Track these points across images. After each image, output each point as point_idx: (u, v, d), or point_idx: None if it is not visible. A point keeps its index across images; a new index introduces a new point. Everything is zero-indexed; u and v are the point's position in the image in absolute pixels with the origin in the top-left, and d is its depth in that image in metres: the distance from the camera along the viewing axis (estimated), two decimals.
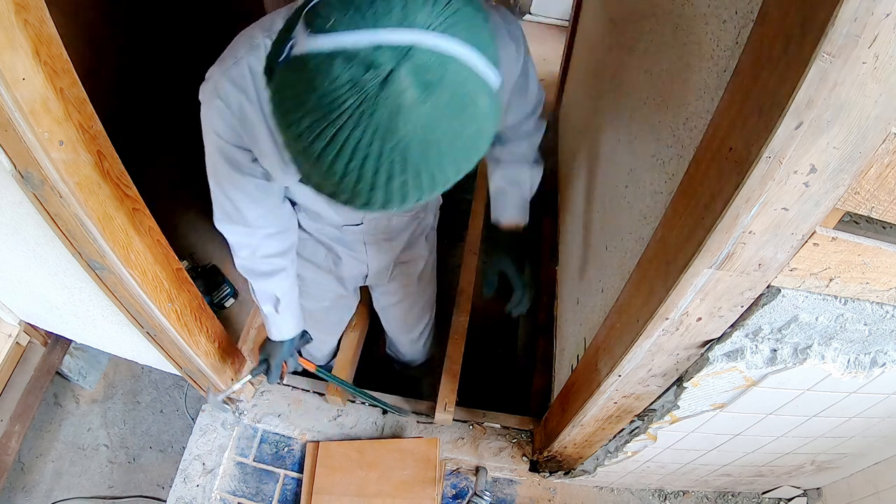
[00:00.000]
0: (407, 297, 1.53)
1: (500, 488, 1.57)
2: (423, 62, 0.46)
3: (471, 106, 0.49)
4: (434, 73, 0.46)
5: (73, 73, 0.76)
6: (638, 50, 1.19)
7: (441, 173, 0.51)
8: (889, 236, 0.63)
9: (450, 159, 0.51)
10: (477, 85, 0.49)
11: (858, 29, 0.41)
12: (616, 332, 0.94)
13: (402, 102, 0.45)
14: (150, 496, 1.81)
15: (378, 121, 0.46)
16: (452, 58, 0.47)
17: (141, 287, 1.02)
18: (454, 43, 0.47)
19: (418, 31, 0.46)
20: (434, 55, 0.46)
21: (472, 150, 0.53)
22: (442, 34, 0.47)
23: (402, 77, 0.45)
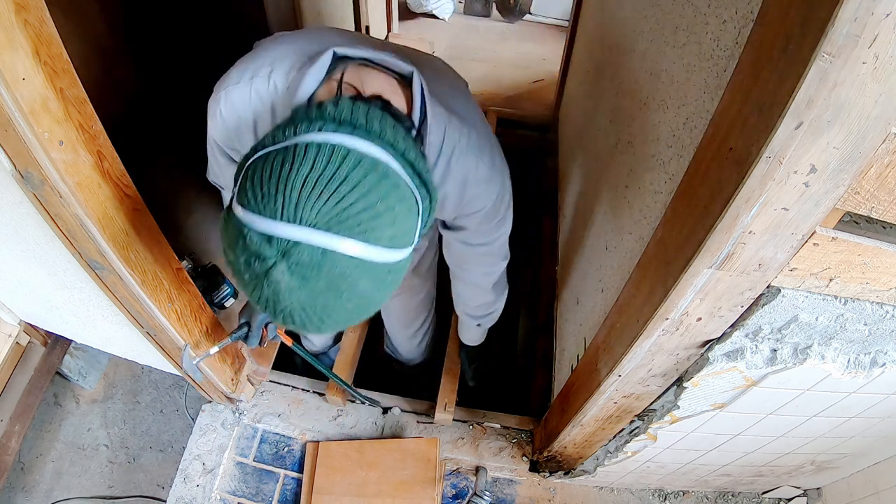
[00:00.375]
0: (403, 292, 1.55)
1: (500, 488, 1.57)
2: (301, 259, 0.54)
3: (349, 289, 0.57)
4: (311, 267, 0.54)
5: (73, 73, 0.76)
6: (638, 50, 1.19)
7: (325, 328, 0.61)
8: (889, 236, 0.63)
9: (333, 323, 0.60)
10: (358, 271, 0.56)
11: (858, 29, 0.41)
12: (616, 332, 0.94)
13: (280, 289, 0.55)
14: (150, 496, 1.81)
15: (266, 293, 0.56)
16: (332, 255, 0.54)
17: (141, 287, 1.02)
18: (337, 239, 0.54)
19: (304, 228, 0.53)
20: (314, 252, 0.54)
21: (356, 316, 0.61)
22: (325, 232, 0.54)
23: (281, 271, 0.54)
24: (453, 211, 0.95)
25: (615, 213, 1.24)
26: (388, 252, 0.59)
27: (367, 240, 0.56)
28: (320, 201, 0.54)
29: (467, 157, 0.86)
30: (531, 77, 3.07)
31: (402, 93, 0.79)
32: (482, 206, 0.93)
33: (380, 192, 0.57)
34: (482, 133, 0.88)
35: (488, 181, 0.90)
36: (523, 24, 3.58)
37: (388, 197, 0.58)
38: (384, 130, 0.63)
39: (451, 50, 3.28)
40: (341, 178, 0.55)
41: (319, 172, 0.55)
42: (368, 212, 0.56)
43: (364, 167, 0.57)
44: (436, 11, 3.49)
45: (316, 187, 0.54)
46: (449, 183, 0.88)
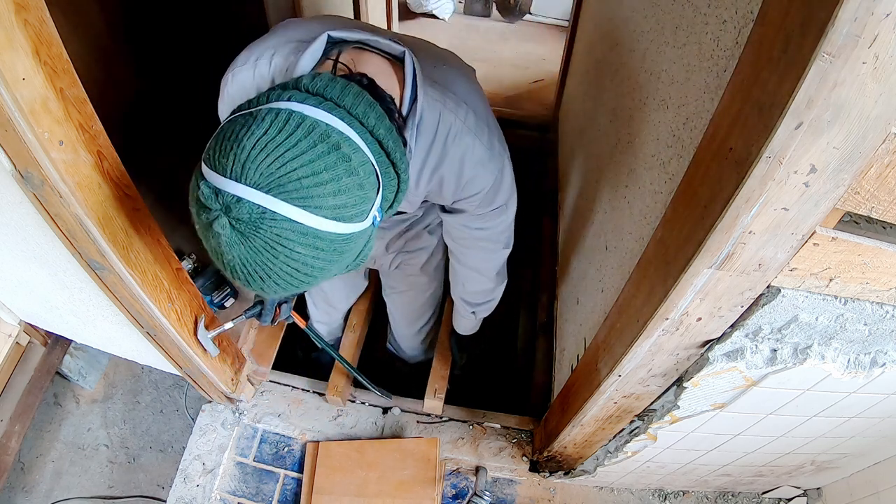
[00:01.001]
0: (410, 288, 1.55)
1: (500, 488, 1.57)
2: (241, 215, 0.57)
3: (285, 252, 0.59)
4: (249, 224, 0.57)
5: (73, 73, 0.76)
6: (638, 50, 1.19)
7: (271, 289, 0.63)
8: (889, 236, 0.63)
9: (274, 283, 0.62)
10: (296, 236, 0.58)
11: (858, 29, 0.41)
12: (616, 332, 0.94)
13: (222, 241, 0.58)
14: (150, 496, 1.81)
15: (213, 244, 0.60)
16: (271, 214, 0.57)
17: (141, 287, 1.02)
18: (276, 201, 0.57)
19: (247, 188, 0.56)
20: (253, 211, 0.57)
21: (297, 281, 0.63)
22: (266, 193, 0.56)
23: (222, 226, 0.57)
24: (452, 195, 0.95)
25: (615, 213, 1.24)
26: (330, 223, 0.60)
27: (306, 206, 0.58)
28: (265, 163, 0.56)
29: (464, 139, 0.86)
30: (531, 77, 3.07)
31: (396, 75, 0.80)
32: (480, 189, 0.93)
33: (326, 162, 0.59)
34: (481, 115, 0.88)
35: (486, 163, 0.90)
36: (523, 24, 3.58)
37: (334, 168, 0.59)
38: (355, 105, 0.65)
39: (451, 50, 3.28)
40: (290, 144, 0.57)
41: (271, 136, 0.57)
42: (310, 178, 0.58)
43: (314, 136, 0.59)
44: (436, 11, 3.49)
45: (264, 150, 0.57)
46: (446, 164, 0.88)
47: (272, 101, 0.62)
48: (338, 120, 0.62)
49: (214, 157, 0.58)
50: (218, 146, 0.59)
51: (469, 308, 1.34)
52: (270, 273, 0.61)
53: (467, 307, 1.34)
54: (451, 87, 0.85)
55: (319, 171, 0.58)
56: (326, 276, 0.65)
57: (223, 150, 0.58)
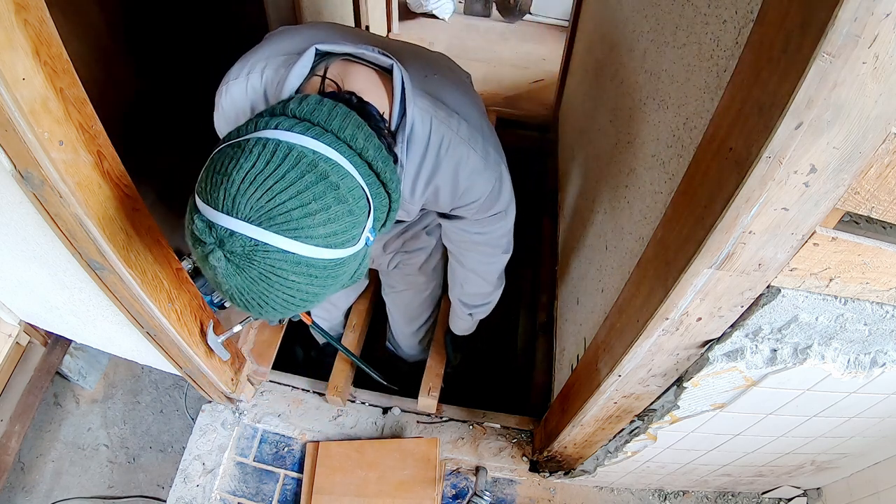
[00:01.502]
0: (409, 288, 1.56)
1: (500, 488, 1.57)
2: (234, 249, 0.58)
3: (280, 281, 0.61)
4: (243, 257, 0.59)
5: (73, 73, 0.76)
6: (638, 50, 1.19)
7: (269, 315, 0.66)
8: (889, 236, 0.63)
9: (272, 309, 0.64)
10: (289, 266, 0.60)
11: (858, 29, 0.41)
12: (616, 332, 0.94)
13: (218, 273, 0.60)
14: (150, 496, 1.81)
15: (211, 274, 0.62)
16: (263, 246, 0.58)
17: (141, 287, 1.02)
18: (267, 234, 0.58)
19: (239, 221, 0.58)
20: (245, 244, 0.58)
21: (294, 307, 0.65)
22: (257, 226, 0.58)
23: (217, 259, 0.59)
24: (449, 203, 0.95)
25: (615, 213, 1.24)
26: (322, 250, 0.61)
27: (297, 237, 0.59)
28: (254, 197, 0.58)
29: (457, 149, 0.86)
30: (531, 77, 3.07)
31: (385, 87, 0.80)
32: (478, 197, 0.93)
33: (314, 192, 0.60)
34: (474, 124, 0.88)
35: (482, 172, 0.90)
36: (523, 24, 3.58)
37: (323, 197, 0.60)
38: (343, 128, 0.65)
39: (451, 50, 3.28)
40: (278, 176, 0.58)
41: (259, 169, 0.58)
42: (300, 210, 0.59)
43: (302, 167, 0.60)
44: (436, 11, 3.49)
45: (253, 183, 0.58)
46: (440, 175, 0.88)
47: (260, 130, 0.63)
48: (325, 146, 0.63)
49: (206, 191, 0.60)
50: (209, 179, 0.60)
51: (466, 310, 1.34)
52: (268, 300, 0.62)
53: (464, 309, 1.35)
54: (443, 97, 0.85)
55: (308, 201, 0.59)
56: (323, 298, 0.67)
57: (214, 183, 0.59)
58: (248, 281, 0.60)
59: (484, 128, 0.91)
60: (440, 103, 0.84)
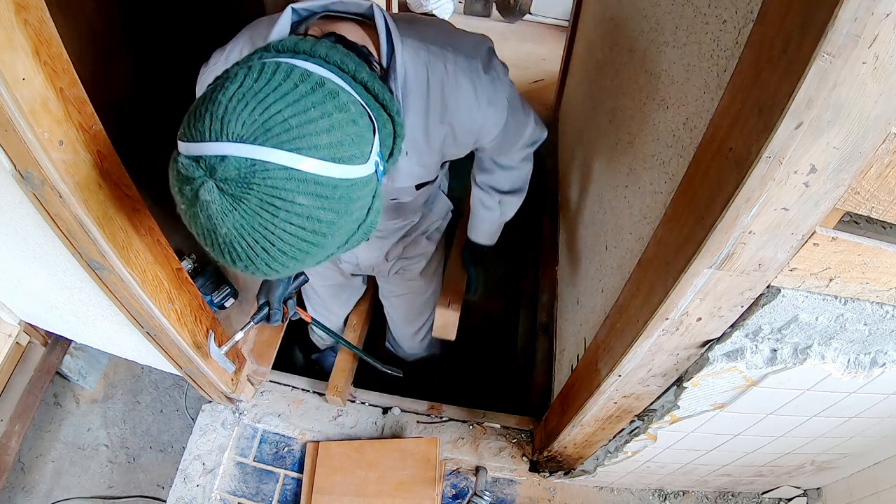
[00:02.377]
0: (409, 291, 1.56)
1: (500, 488, 1.57)
2: (228, 175, 0.50)
3: (286, 206, 0.52)
4: (239, 183, 0.50)
5: (73, 73, 0.76)
6: (638, 50, 1.19)
7: (277, 262, 0.55)
8: (889, 236, 0.63)
9: (280, 252, 0.54)
10: (294, 184, 0.52)
11: (858, 29, 0.41)
12: (616, 332, 0.94)
13: (212, 212, 0.51)
14: (150, 496, 1.81)
15: (203, 222, 0.53)
16: (262, 165, 0.50)
17: (141, 287, 1.02)
18: (265, 150, 0.50)
19: (230, 144, 0.50)
20: (241, 166, 0.50)
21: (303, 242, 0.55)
22: (252, 144, 0.50)
23: (209, 191, 0.51)
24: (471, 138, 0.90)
25: (615, 213, 1.24)
26: (329, 165, 0.54)
27: (299, 148, 0.52)
28: (246, 112, 0.51)
29: (460, 81, 0.80)
30: (531, 77, 3.07)
31: (369, 35, 0.75)
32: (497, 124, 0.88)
33: (312, 100, 0.54)
34: (469, 51, 0.82)
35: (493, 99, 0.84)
36: (523, 24, 3.58)
37: (322, 104, 0.54)
38: (331, 56, 0.60)
39: None
40: (270, 89, 0.52)
41: (248, 86, 0.52)
42: (298, 117, 0.52)
43: (295, 78, 0.54)
44: (436, 11, 3.49)
45: (242, 100, 0.52)
46: (450, 113, 0.82)
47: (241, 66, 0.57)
48: (315, 66, 0.57)
49: (190, 128, 0.53)
50: (191, 115, 0.53)
51: (496, 197, 1.20)
52: (274, 239, 0.53)
53: (494, 197, 1.20)
54: (430, 36, 0.80)
55: (307, 108, 0.53)
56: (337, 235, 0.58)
57: (197, 115, 0.52)
58: (247, 214, 0.51)
59: (479, 47, 0.84)
60: (429, 41, 0.79)
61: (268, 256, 0.54)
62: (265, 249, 0.54)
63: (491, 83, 0.84)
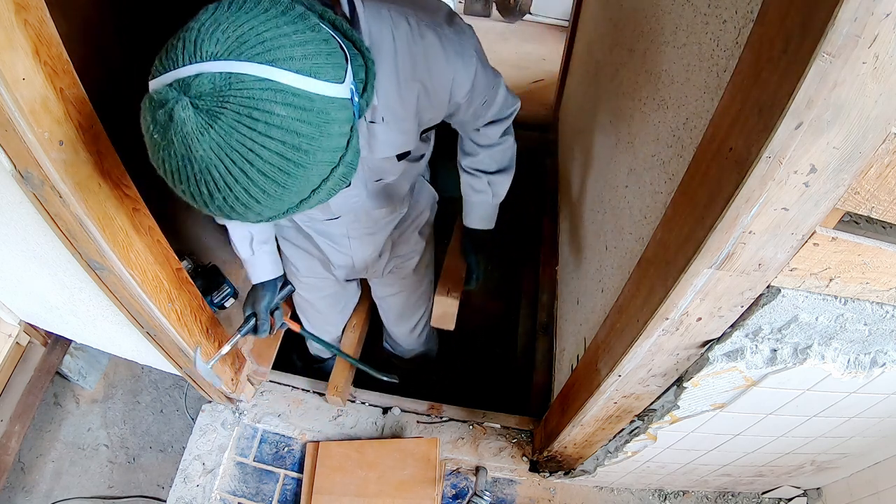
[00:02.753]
0: (403, 289, 1.56)
1: (500, 488, 1.57)
2: (203, 90, 0.49)
3: (265, 118, 0.51)
4: (215, 96, 0.49)
5: (73, 73, 0.76)
6: (638, 50, 1.19)
7: (257, 188, 0.53)
8: (889, 236, 0.63)
9: (259, 175, 0.53)
10: (270, 94, 0.51)
11: (858, 29, 0.41)
12: (616, 332, 0.94)
13: (188, 131, 0.49)
14: (150, 496, 1.81)
15: (178, 150, 0.51)
16: (237, 77, 0.50)
17: (141, 287, 1.02)
18: (240, 64, 0.50)
19: (204, 63, 0.50)
20: (216, 80, 0.49)
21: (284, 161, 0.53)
22: (226, 59, 0.50)
23: (183, 108, 0.49)
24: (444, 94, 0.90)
25: (615, 213, 1.24)
26: (304, 79, 0.53)
27: (273, 60, 0.51)
28: (219, 32, 0.51)
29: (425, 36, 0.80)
30: (531, 77, 3.07)
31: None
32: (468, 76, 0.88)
33: (285, 18, 0.54)
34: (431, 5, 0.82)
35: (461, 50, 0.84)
36: (523, 24, 3.58)
37: (294, 22, 0.54)
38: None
39: None
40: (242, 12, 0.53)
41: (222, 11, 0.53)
42: (272, 31, 0.52)
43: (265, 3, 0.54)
44: None
45: (216, 23, 0.52)
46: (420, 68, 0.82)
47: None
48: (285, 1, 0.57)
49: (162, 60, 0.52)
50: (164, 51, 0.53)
51: (484, 179, 1.19)
52: (253, 157, 0.51)
53: (482, 179, 1.20)
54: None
55: (280, 24, 0.53)
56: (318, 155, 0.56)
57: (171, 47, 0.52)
58: (225, 130, 0.50)
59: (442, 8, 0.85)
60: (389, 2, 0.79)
61: (247, 180, 0.52)
62: (244, 171, 0.52)
63: (456, 34, 0.84)
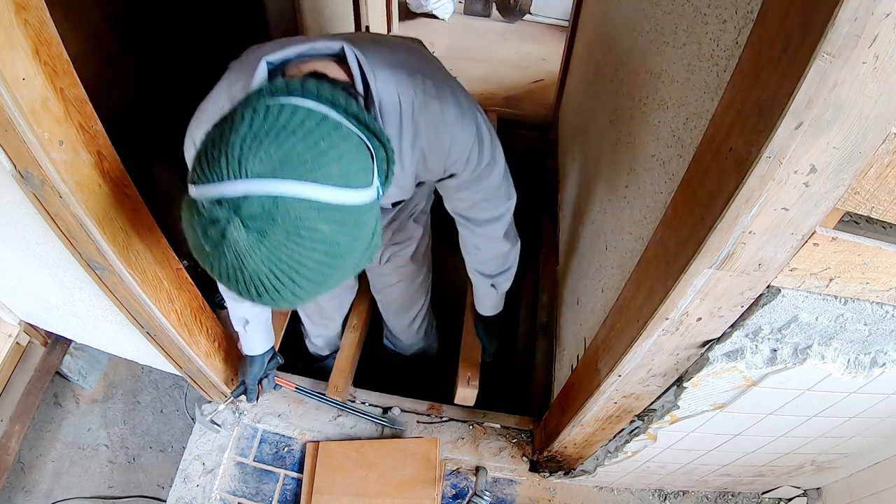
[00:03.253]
0: (402, 279, 1.57)
1: (500, 488, 1.57)
2: (253, 211, 0.53)
3: (310, 235, 0.55)
4: (265, 218, 0.53)
5: (73, 73, 0.76)
6: (638, 50, 1.19)
7: (301, 290, 0.58)
8: (889, 236, 0.63)
9: (305, 280, 0.57)
10: (315, 213, 0.55)
11: (858, 29, 0.41)
12: (616, 332, 0.94)
13: (240, 249, 0.54)
14: (150, 496, 1.81)
15: (230, 262, 0.55)
16: (283, 198, 0.53)
17: (141, 287, 1.02)
18: (285, 183, 0.54)
19: (250, 181, 0.53)
20: (265, 203, 0.53)
21: (329, 269, 0.59)
22: (272, 179, 0.53)
23: (236, 229, 0.53)
24: (439, 166, 0.94)
25: (615, 213, 1.24)
26: (342, 192, 0.58)
27: (315, 179, 0.55)
28: (261, 150, 0.54)
29: (430, 106, 0.84)
30: (531, 77, 3.07)
31: (343, 70, 0.79)
32: (465, 148, 0.91)
33: (320, 132, 0.57)
34: (438, 78, 0.86)
35: (461, 121, 0.88)
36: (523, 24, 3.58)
37: (329, 136, 0.58)
38: (321, 92, 0.63)
39: (451, 50, 3.28)
40: (280, 126, 0.55)
41: (258, 125, 0.55)
42: (311, 151, 0.56)
43: (300, 115, 0.57)
44: (436, 11, 3.49)
45: (256, 139, 0.54)
46: (422, 137, 0.87)
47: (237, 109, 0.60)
48: (312, 102, 0.61)
49: (205, 171, 0.55)
50: (204, 159, 0.56)
51: (488, 281, 1.27)
52: (300, 267, 0.56)
53: (486, 280, 1.28)
54: (399, 63, 0.84)
55: (316, 142, 0.56)
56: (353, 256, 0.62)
57: (212, 158, 0.55)
58: (275, 247, 0.54)
59: (449, 80, 0.89)
60: (399, 70, 0.83)
61: (293, 285, 0.57)
62: (291, 279, 0.57)
63: (457, 104, 0.88)
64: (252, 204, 0.53)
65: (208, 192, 0.55)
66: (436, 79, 0.86)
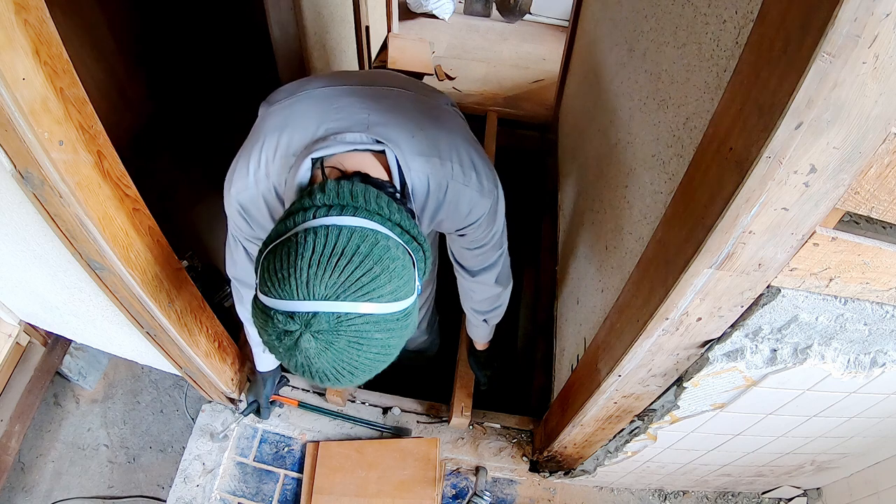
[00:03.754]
0: None
1: (500, 488, 1.57)
2: (321, 327, 0.65)
3: (367, 342, 0.68)
4: (331, 332, 0.66)
5: (73, 73, 0.76)
6: (638, 50, 1.19)
7: (359, 379, 0.72)
8: (889, 236, 0.63)
9: (362, 372, 0.71)
10: (370, 326, 0.67)
11: (858, 29, 0.41)
12: (616, 332, 0.94)
13: (310, 354, 0.66)
14: (150, 496, 1.81)
15: (300, 360, 0.68)
16: (346, 316, 0.66)
17: (141, 287, 1.02)
18: (347, 304, 0.65)
19: (317, 302, 0.65)
20: (330, 318, 0.65)
21: (381, 363, 0.72)
22: (335, 301, 0.65)
23: (306, 340, 0.65)
24: (452, 228, 1.03)
25: (615, 213, 1.24)
26: (393, 305, 0.69)
27: (371, 299, 0.67)
28: (325, 276, 0.65)
29: (454, 188, 0.93)
30: (531, 77, 3.07)
31: (381, 161, 0.87)
32: (479, 217, 1.00)
33: (374, 257, 0.68)
34: (465, 163, 0.94)
35: (479, 200, 0.97)
36: (523, 24, 3.58)
37: (382, 259, 0.68)
38: (369, 202, 0.74)
39: (451, 50, 3.28)
40: (339, 253, 0.66)
41: (320, 253, 0.66)
42: (367, 276, 0.67)
43: (356, 240, 0.68)
44: (436, 11, 3.49)
45: (320, 265, 0.65)
46: (442, 211, 0.97)
47: (300, 224, 0.70)
48: (364, 220, 0.71)
49: (277, 288, 0.66)
50: (273, 277, 0.67)
51: (480, 316, 1.38)
52: (358, 366, 0.69)
53: (478, 316, 1.38)
54: (432, 150, 0.92)
55: (371, 267, 0.67)
56: (400, 346, 0.74)
57: (283, 279, 0.66)
58: (338, 352, 0.67)
59: (475, 160, 0.96)
60: (432, 158, 0.91)
61: (352, 377, 0.70)
62: (351, 373, 0.70)
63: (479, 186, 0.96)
64: (320, 321, 0.65)
65: (281, 306, 0.66)
66: (462, 163, 0.94)
